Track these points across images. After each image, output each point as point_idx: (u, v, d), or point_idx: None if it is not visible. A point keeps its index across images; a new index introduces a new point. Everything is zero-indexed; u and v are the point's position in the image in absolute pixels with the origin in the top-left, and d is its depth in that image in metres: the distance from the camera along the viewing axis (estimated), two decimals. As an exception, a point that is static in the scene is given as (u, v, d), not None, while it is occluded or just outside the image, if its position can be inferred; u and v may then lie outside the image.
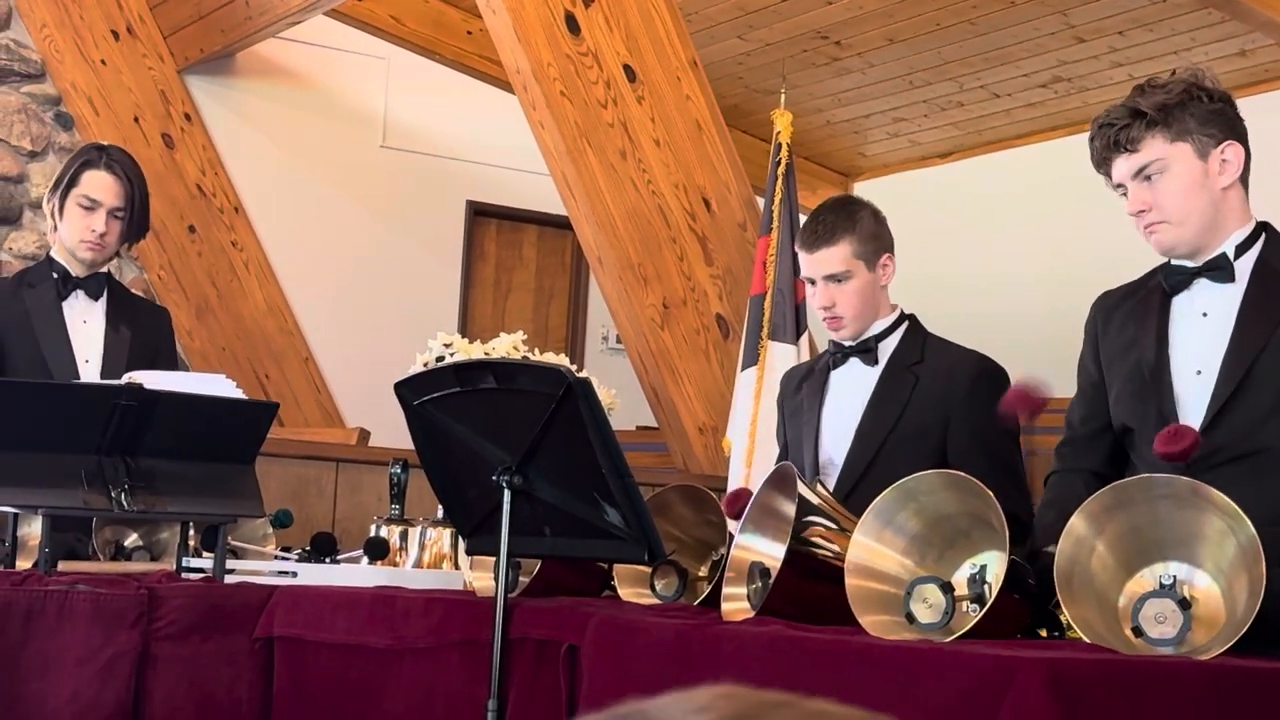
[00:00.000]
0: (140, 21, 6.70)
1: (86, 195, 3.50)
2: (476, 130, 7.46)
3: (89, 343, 3.55)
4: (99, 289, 3.56)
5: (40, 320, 3.51)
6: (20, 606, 2.46)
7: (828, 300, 3.13)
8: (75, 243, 3.51)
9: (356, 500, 4.50)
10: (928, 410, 3.05)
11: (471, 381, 2.36)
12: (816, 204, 3.46)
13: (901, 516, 2.07)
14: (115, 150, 3.61)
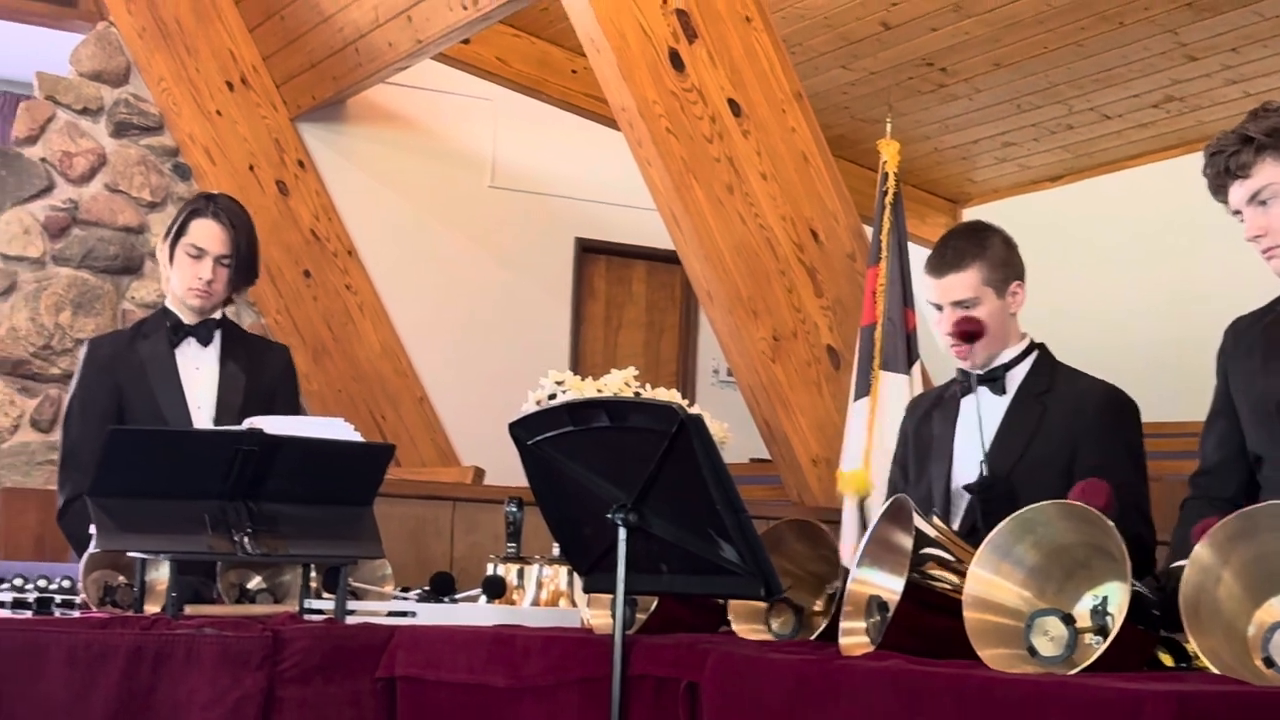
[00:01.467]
0: (254, 72, 6.84)
1: (193, 244, 3.53)
2: (584, 168, 7.51)
3: (201, 390, 3.58)
4: (209, 335, 3.59)
5: (154, 370, 3.55)
6: (149, 650, 2.51)
7: (953, 326, 3.09)
8: (184, 290, 3.55)
9: (473, 539, 4.53)
10: (1055, 440, 3.01)
11: (585, 420, 2.38)
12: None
13: (1019, 548, 2.04)
14: (223, 198, 3.66)
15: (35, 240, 6.51)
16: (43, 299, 6.49)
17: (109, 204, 6.67)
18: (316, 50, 6.60)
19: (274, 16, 6.68)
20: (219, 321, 3.62)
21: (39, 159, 6.57)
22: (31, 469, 6.38)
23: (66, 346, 6.50)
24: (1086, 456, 2.97)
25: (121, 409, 3.54)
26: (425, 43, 6.11)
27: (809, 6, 6.62)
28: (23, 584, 2.72)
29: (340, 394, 6.87)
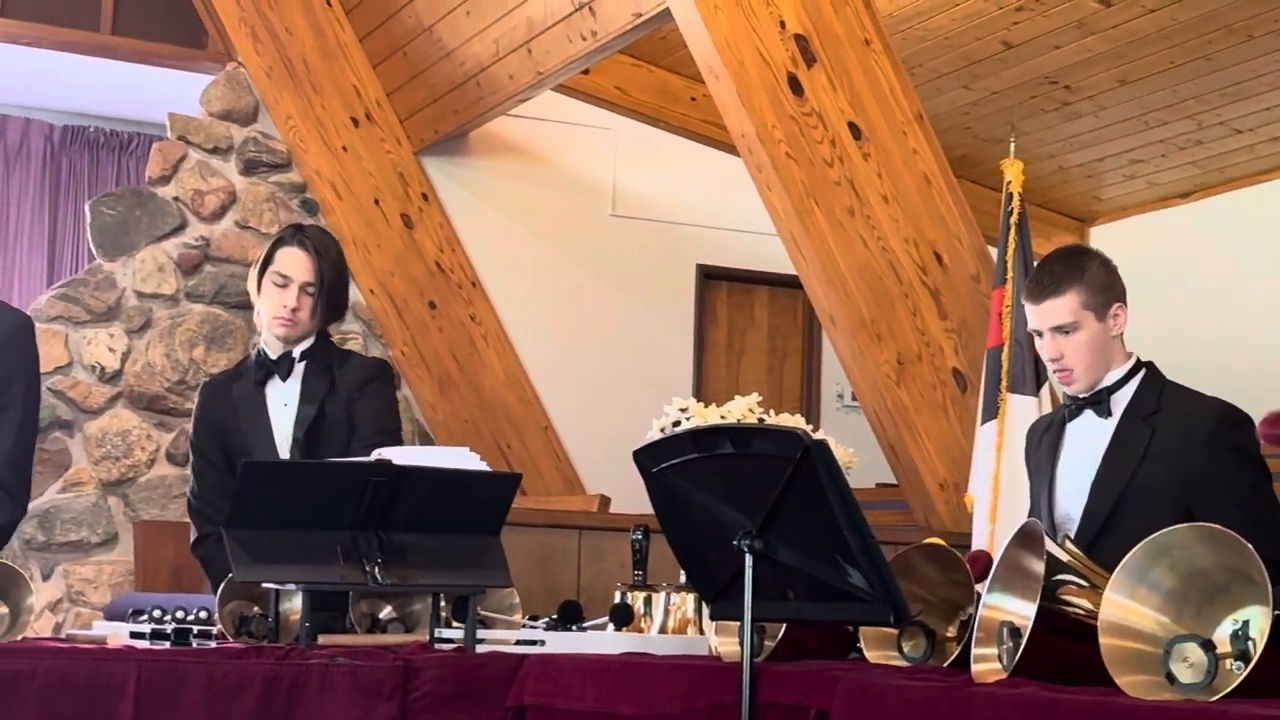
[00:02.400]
0: (378, 107, 6.95)
1: (279, 271, 3.53)
2: (704, 194, 7.52)
3: (286, 424, 3.59)
4: (289, 369, 3.59)
5: (243, 409, 3.58)
6: (284, 680, 2.55)
7: (1056, 352, 3.06)
8: (270, 319, 3.55)
9: (599, 567, 4.54)
10: (1165, 462, 2.95)
11: (709, 447, 2.38)
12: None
13: (1155, 573, 2.00)
14: (311, 229, 3.65)
15: (169, 277, 6.66)
16: (177, 335, 6.63)
17: (239, 240, 6.81)
18: (439, 85, 6.69)
19: (397, 52, 6.78)
20: (305, 351, 3.59)
21: (172, 198, 6.73)
22: (168, 502, 6.52)
23: (200, 381, 6.62)
24: (1205, 478, 2.91)
25: (226, 451, 3.59)
26: (545, 74, 6.17)
27: (929, 28, 6.58)
28: (161, 615, 2.78)
29: (466, 424, 6.94)
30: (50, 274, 8.41)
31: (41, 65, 7.55)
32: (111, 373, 6.49)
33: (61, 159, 8.64)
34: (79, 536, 6.37)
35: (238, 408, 3.58)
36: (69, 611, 6.28)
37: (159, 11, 6.90)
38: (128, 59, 7.05)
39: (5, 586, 2.67)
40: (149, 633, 2.71)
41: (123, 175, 8.64)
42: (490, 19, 6.20)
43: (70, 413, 6.42)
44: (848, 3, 4.81)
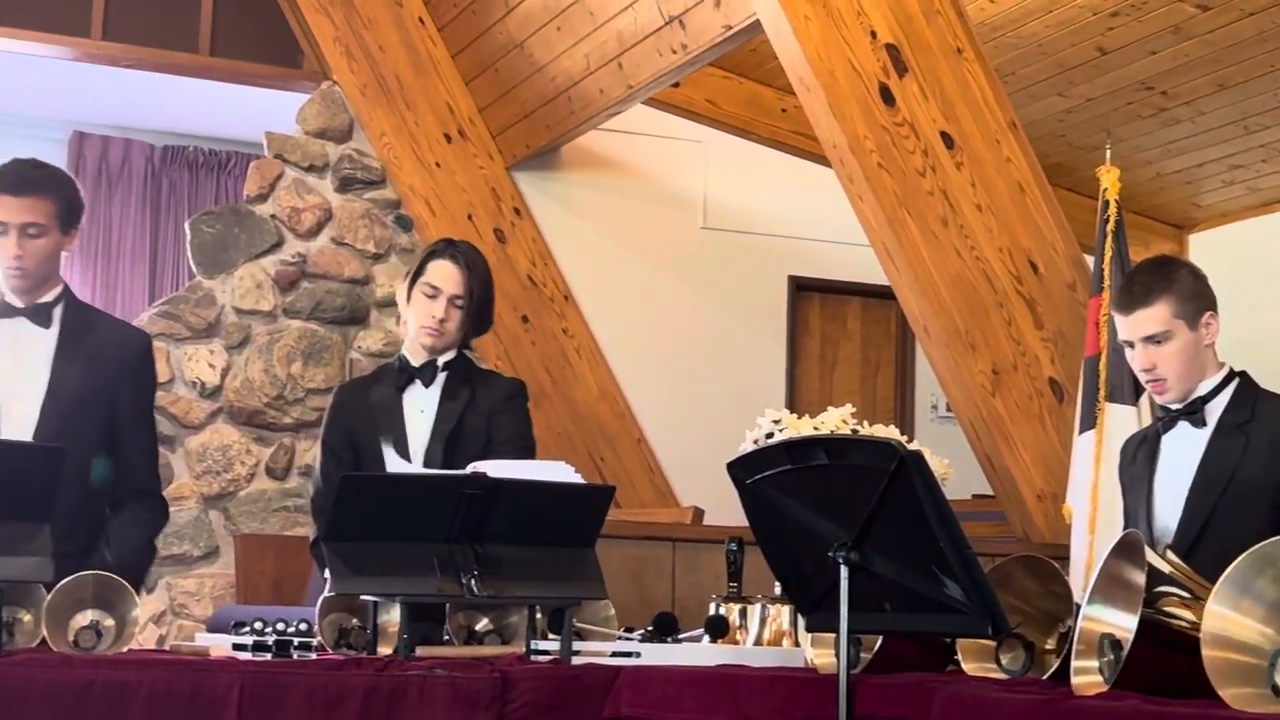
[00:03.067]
0: (470, 124, 7.01)
1: (430, 283, 3.65)
2: (795, 206, 7.51)
3: (422, 431, 3.67)
4: (432, 376, 3.68)
5: (381, 414, 3.66)
6: (384, 692, 2.57)
7: (1148, 363, 3.04)
8: (417, 329, 3.66)
9: (694, 579, 4.54)
10: (1261, 470, 2.91)
11: (803, 458, 2.37)
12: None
13: (1259, 584, 1.97)
14: (463, 244, 3.76)
15: (267, 294, 6.75)
16: (275, 351, 6.72)
17: (335, 257, 6.89)
18: (530, 100, 6.73)
19: (489, 69, 6.84)
20: (447, 362, 3.70)
21: (269, 215, 6.82)
22: (268, 516, 6.61)
23: (298, 396, 6.72)
24: None
25: (356, 453, 3.66)
26: (636, 88, 6.19)
27: (1022, 35, 6.53)
28: (262, 627, 2.82)
29: (560, 436, 6.97)
30: (151, 291, 8.58)
31: (142, 87, 7.70)
32: (212, 388, 6.60)
33: (162, 178, 8.81)
34: (181, 550, 6.47)
35: (375, 412, 3.66)
36: (172, 624, 6.38)
37: (256, 32, 7.01)
38: (225, 79, 7.17)
39: (111, 599, 2.72)
40: (251, 644, 2.75)
41: (221, 193, 8.79)
42: (581, 34, 6.24)
43: (172, 428, 6.52)
44: (939, 12, 4.79)
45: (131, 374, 3.49)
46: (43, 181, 3.36)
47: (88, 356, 3.39)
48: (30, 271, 3.34)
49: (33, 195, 3.32)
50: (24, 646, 2.63)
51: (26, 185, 3.32)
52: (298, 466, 6.70)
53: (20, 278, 3.34)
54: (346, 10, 6.81)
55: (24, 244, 3.30)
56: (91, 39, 6.75)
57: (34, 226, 3.31)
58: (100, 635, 2.67)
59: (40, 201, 3.33)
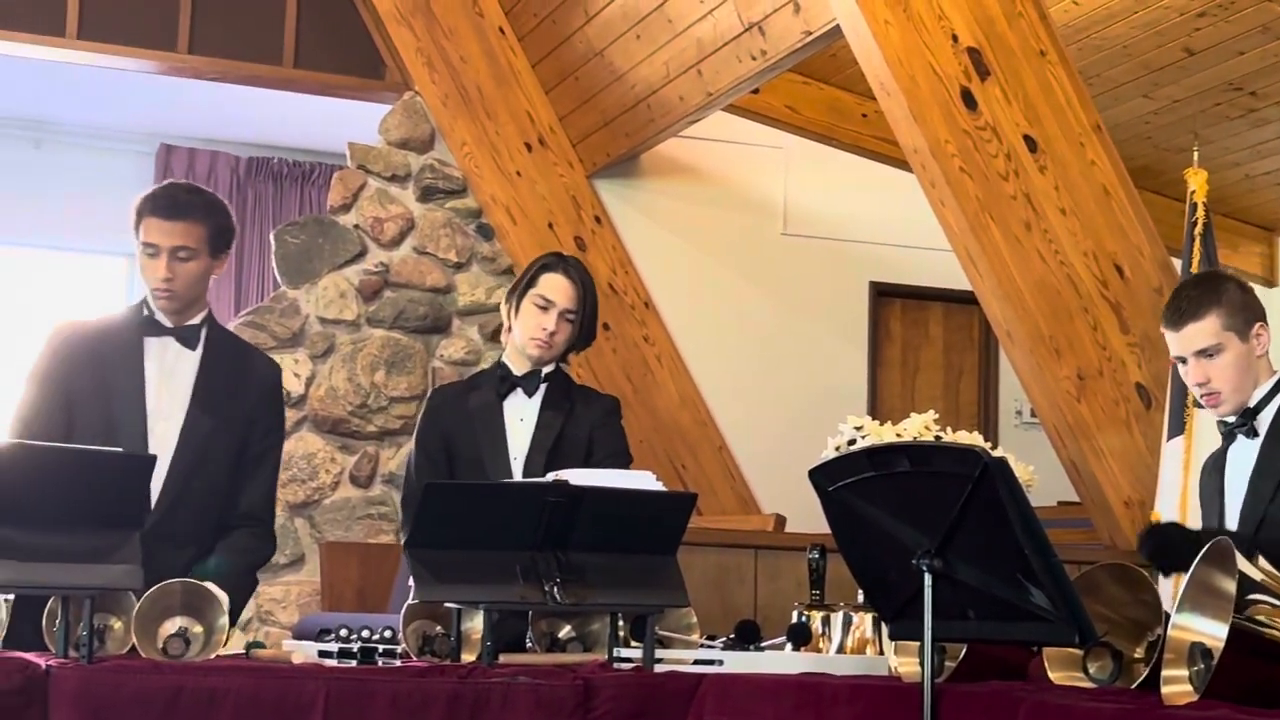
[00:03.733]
0: (551, 132, 7.03)
1: (542, 295, 3.71)
2: (876, 211, 7.47)
3: (521, 439, 3.72)
4: (535, 386, 3.74)
5: (480, 420, 3.71)
6: (467, 699, 2.59)
7: (1201, 376, 3.05)
8: (525, 340, 3.72)
9: (776, 586, 4.53)
10: None
11: (885, 465, 2.36)
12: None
13: (1355, 592, 1.94)
14: (573, 259, 3.83)
15: (350, 303, 6.82)
16: (358, 359, 6.78)
17: (417, 266, 6.94)
18: (610, 108, 6.75)
19: (569, 77, 6.86)
20: (549, 374, 3.75)
21: (352, 225, 6.89)
22: (352, 523, 6.66)
23: (381, 405, 6.77)
24: None
25: (450, 457, 3.70)
26: (716, 95, 6.19)
27: (1106, 36, 6.46)
28: (348, 634, 2.84)
29: (641, 444, 6.96)
30: (238, 301, 8.68)
31: (227, 99, 7.80)
32: (297, 397, 6.66)
33: (247, 190, 8.92)
34: (267, 557, 6.54)
35: (474, 418, 3.71)
36: (259, 631, 6.45)
37: (339, 44, 7.08)
38: (309, 91, 7.25)
39: (199, 606, 2.75)
40: (336, 651, 2.77)
41: (305, 204, 8.89)
42: (660, 42, 6.24)
43: (258, 436, 6.60)
44: (1022, 14, 4.75)
45: (267, 404, 3.56)
46: (194, 206, 3.43)
47: (229, 382, 3.45)
48: (179, 294, 3.40)
49: (184, 220, 3.38)
50: (114, 653, 2.67)
51: (179, 210, 3.38)
52: (381, 474, 6.76)
53: (169, 299, 3.40)
54: (428, 21, 6.86)
55: (174, 267, 3.37)
56: (178, 53, 6.84)
57: (184, 250, 3.38)
58: (189, 642, 2.70)
59: (191, 226, 3.39)
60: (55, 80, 7.75)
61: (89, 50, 6.73)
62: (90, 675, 2.47)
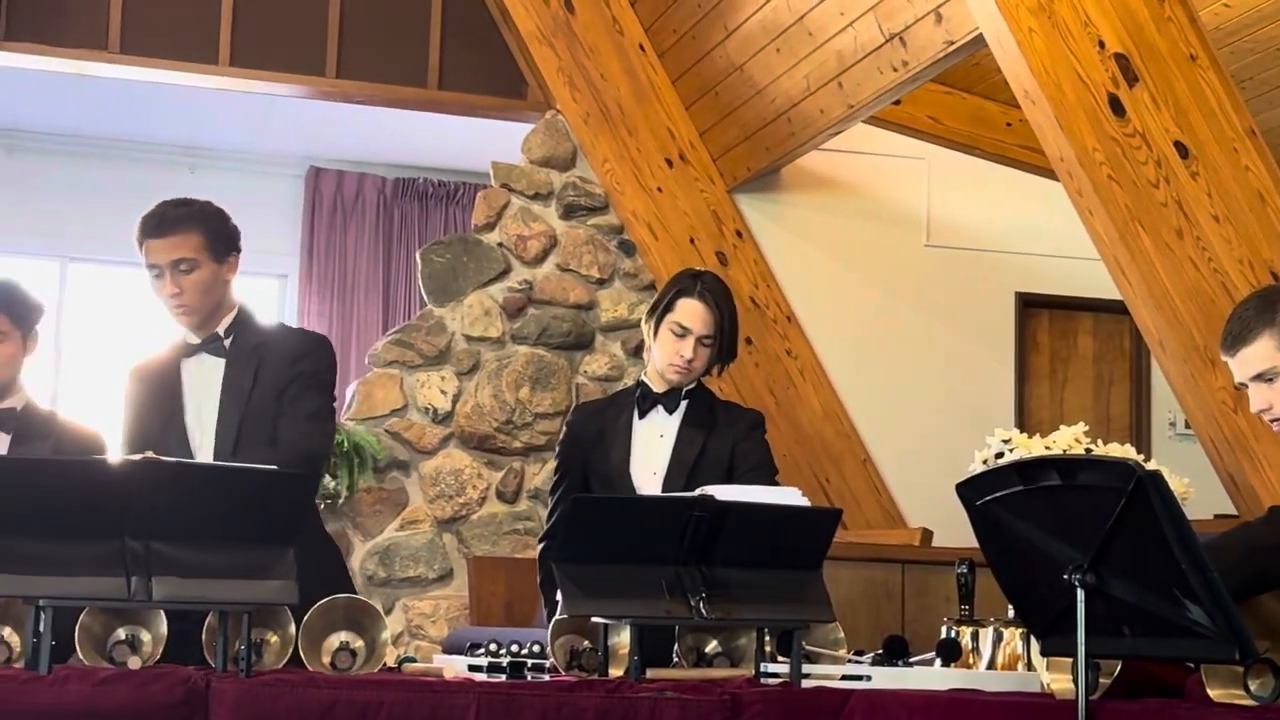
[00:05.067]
0: (691, 148, 7.05)
1: (679, 322, 3.70)
2: (1021, 221, 7.38)
3: (660, 456, 3.73)
4: (675, 404, 3.75)
5: (621, 437, 3.73)
6: (615, 713, 2.60)
7: (1264, 403, 2.90)
8: (664, 365, 3.73)
9: (924, 601, 4.49)
10: None
11: (1034, 479, 2.33)
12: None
13: None
14: (709, 277, 3.79)
15: (495, 321, 6.89)
16: (504, 376, 6.85)
17: (560, 283, 7.00)
18: (750, 122, 6.75)
19: (709, 93, 6.88)
20: (689, 390, 3.75)
21: (496, 244, 6.97)
22: (499, 539, 6.73)
23: (526, 421, 6.84)
24: None
25: (591, 473, 3.73)
26: (857, 107, 6.15)
27: (1259, 39, 6.31)
28: (497, 649, 2.87)
29: (785, 458, 6.94)
30: (385, 320, 8.83)
31: (374, 122, 7.95)
32: (443, 414, 6.75)
33: (394, 210, 9.07)
34: (417, 572, 6.64)
35: (615, 434, 3.75)
36: (409, 645, 6.54)
37: (482, 65, 7.17)
38: (454, 112, 7.36)
39: (360, 621, 2.81)
40: (486, 665, 2.80)
41: (450, 223, 9.01)
42: (800, 55, 6.23)
43: (406, 453, 6.70)
44: (1171, 19, 4.66)
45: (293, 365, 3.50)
46: (182, 218, 3.47)
47: (255, 370, 3.48)
48: (193, 306, 3.46)
49: (175, 233, 3.44)
50: (271, 667, 2.73)
51: (167, 224, 3.45)
52: (527, 490, 6.82)
53: (185, 313, 3.47)
54: (569, 40, 6.92)
55: (179, 280, 3.43)
56: (327, 77, 6.99)
57: (184, 262, 3.44)
58: (354, 656, 2.75)
59: (184, 238, 3.45)
60: (209, 107, 7.96)
61: (241, 77, 6.90)
62: (248, 689, 2.53)
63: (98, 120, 8.34)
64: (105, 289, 8.76)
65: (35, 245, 8.57)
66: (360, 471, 6.51)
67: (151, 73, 6.85)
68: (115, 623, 2.70)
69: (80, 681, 2.48)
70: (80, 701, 2.45)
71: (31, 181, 8.56)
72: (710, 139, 7.04)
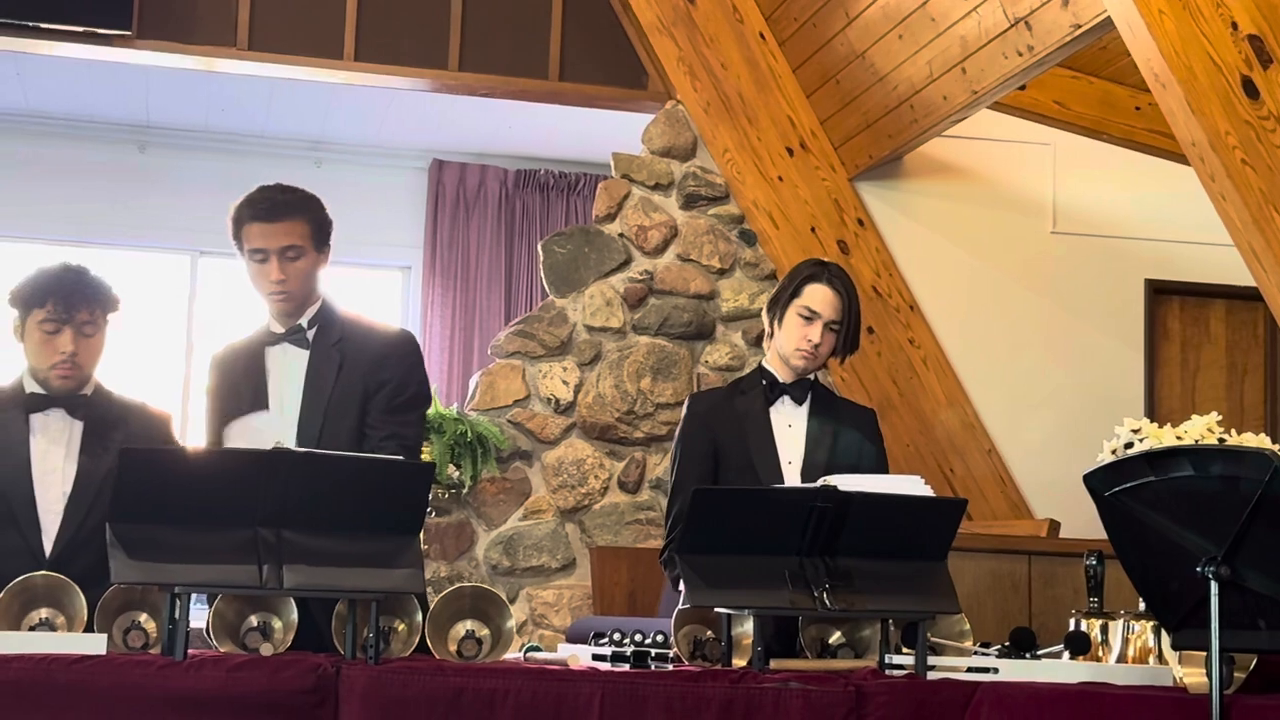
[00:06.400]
0: (812, 136, 7.02)
1: (807, 306, 3.71)
2: (1150, 207, 7.25)
3: (792, 446, 3.72)
4: (803, 395, 3.75)
5: (750, 426, 3.72)
6: (740, 703, 2.60)
7: None
8: (790, 350, 3.72)
9: (1052, 594, 4.43)
10: None
11: (1165, 469, 2.30)
12: None
13: None
14: (835, 266, 3.81)
15: (616, 311, 6.92)
16: (625, 367, 6.87)
17: (681, 273, 7.00)
18: (872, 110, 6.70)
19: (830, 81, 6.84)
20: (811, 383, 3.76)
21: (617, 234, 6.99)
22: (620, 528, 6.76)
23: (648, 411, 6.85)
24: None
25: (717, 461, 3.73)
26: (981, 93, 6.08)
27: (1397, 16, 6.14)
28: (621, 638, 2.88)
29: (908, 448, 6.90)
30: (507, 311, 8.90)
31: (496, 114, 8.02)
32: (565, 404, 6.79)
33: (515, 201, 9.14)
34: (540, 562, 6.68)
35: (742, 424, 3.73)
36: (533, 634, 6.59)
37: (602, 56, 7.19)
38: (574, 103, 7.38)
39: (486, 610, 2.84)
40: (610, 655, 2.82)
41: (571, 214, 9.06)
42: (923, 41, 6.17)
43: (529, 443, 6.75)
44: (1307, -3, 4.55)
45: (380, 370, 3.51)
46: (293, 204, 3.50)
47: (338, 366, 3.51)
48: (294, 293, 3.49)
49: (287, 219, 3.47)
50: (398, 654, 2.77)
51: (279, 210, 3.47)
52: (648, 480, 6.84)
53: (285, 300, 3.50)
54: (689, 30, 6.92)
55: (285, 268, 3.46)
56: (449, 70, 7.05)
57: (292, 249, 3.46)
58: (480, 644, 2.78)
59: (294, 224, 3.47)
60: (333, 101, 8.08)
61: (365, 71, 6.99)
62: (377, 675, 2.57)
63: (226, 116, 8.51)
64: (234, 282, 8.92)
65: (167, 239, 8.76)
66: (483, 461, 6.57)
67: (278, 68, 6.96)
68: (248, 610, 2.75)
69: (215, 667, 2.53)
70: (215, 687, 2.50)
71: (163, 177, 8.75)
72: (831, 127, 7.00)
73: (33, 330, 3.42)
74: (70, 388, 3.44)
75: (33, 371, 3.47)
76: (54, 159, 8.60)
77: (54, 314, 3.40)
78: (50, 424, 3.43)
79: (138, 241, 8.69)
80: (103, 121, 8.59)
